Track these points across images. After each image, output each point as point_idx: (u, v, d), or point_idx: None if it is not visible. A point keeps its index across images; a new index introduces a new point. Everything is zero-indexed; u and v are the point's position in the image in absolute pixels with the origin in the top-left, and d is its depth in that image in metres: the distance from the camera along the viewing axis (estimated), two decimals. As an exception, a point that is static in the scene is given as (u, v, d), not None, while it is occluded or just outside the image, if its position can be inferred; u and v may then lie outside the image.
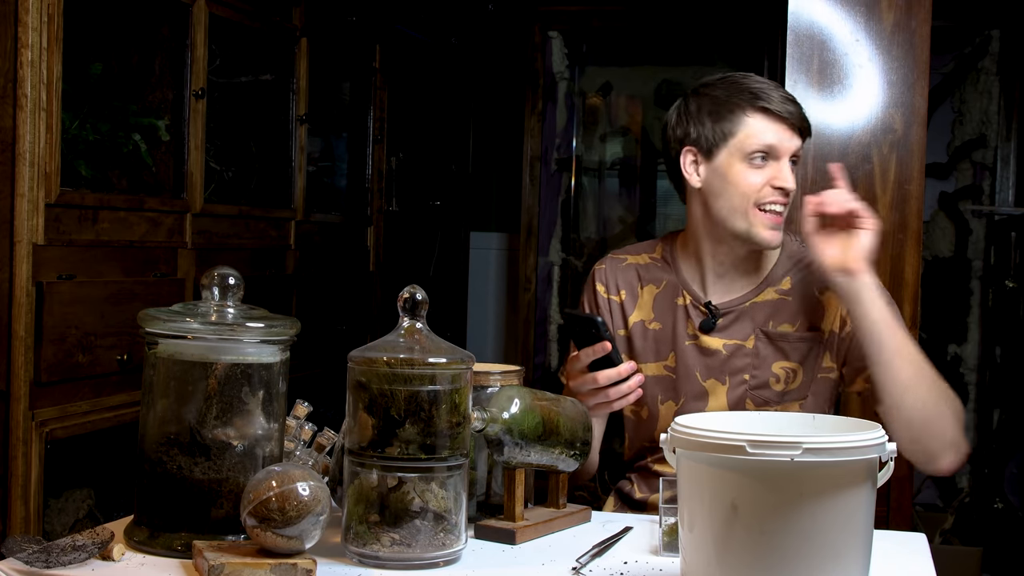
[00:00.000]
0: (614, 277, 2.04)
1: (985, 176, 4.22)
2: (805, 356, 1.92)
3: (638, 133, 4.55)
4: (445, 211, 4.53)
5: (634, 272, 2.03)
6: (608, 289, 2.04)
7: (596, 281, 2.05)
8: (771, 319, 1.93)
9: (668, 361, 1.98)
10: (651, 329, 2.00)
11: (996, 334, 4.18)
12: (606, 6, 4.25)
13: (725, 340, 1.93)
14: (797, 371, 1.92)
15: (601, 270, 2.06)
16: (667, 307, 1.99)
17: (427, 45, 4.32)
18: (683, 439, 1.27)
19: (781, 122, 1.86)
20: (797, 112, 1.87)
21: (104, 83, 2.73)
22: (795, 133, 1.87)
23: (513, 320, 4.63)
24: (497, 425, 1.56)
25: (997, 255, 4.19)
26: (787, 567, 1.21)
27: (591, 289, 2.06)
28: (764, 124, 1.86)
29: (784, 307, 1.93)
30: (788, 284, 1.95)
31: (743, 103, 1.88)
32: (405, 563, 1.43)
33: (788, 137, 1.87)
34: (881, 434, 1.26)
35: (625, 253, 2.07)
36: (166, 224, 2.73)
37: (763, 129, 1.86)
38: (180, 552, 1.45)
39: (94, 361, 2.47)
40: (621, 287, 2.03)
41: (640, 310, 2.01)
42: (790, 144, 1.87)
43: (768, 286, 1.95)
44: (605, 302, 2.04)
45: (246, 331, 1.48)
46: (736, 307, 1.95)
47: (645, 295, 2.01)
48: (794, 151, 1.88)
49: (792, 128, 1.87)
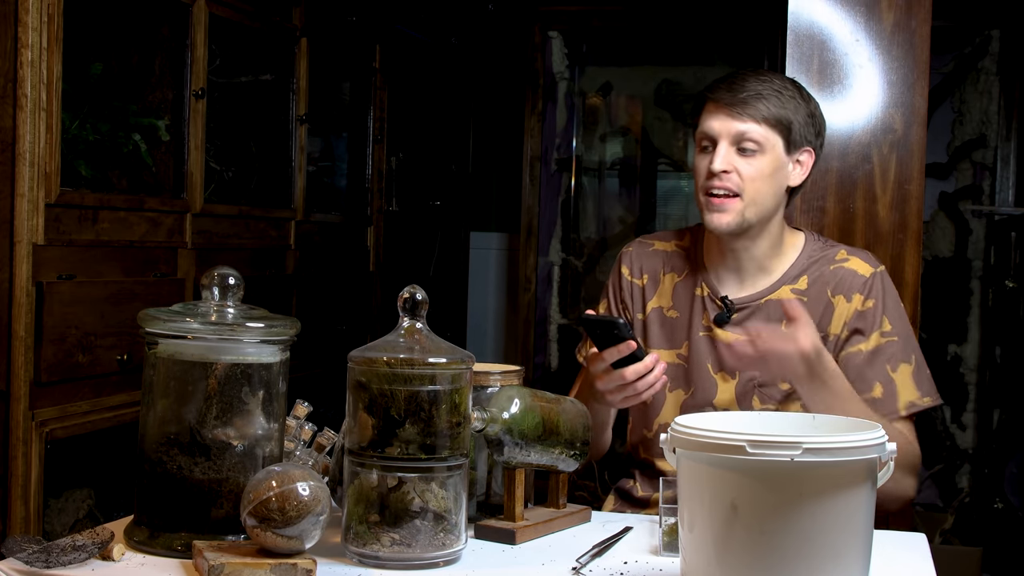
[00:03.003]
0: (639, 261, 2.08)
1: (985, 176, 4.22)
2: None
3: (638, 133, 4.55)
4: (445, 211, 4.53)
5: (660, 258, 2.07)
6: (632, 272, 2.08)
7: (622, 264, 2.10)
8: (784, 318, 1.93)
9: (681, 350, 2.01)
10: (668, 317, 2.02)
11: (996, 334, 4.18)
12: (606, 6, 4.25)
13: (738, 335, 1.94)
14: None
15: (628, 253, 2.10)
16: (686, 297, 2.02)
17: (427, 45, 4.32)
18: (683, 439, 1.27)
19: (718, 107, 1.90)
20: (738, 98, 1.88)
21: (104, 83, 2.73)
22: (734, 118, 1.89)
23: (513, 320, 4.63)
24: (497, 425, 1.56)
25: (997, 255, 4.19)
26: (787, 567, 1.21)
27: (616, 271, 2.10)
28: (707, 111, 1.93)
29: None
30: (804, 284, 1.96)
31: (700, 95, 1.96)
32: (405, 563, 1.43)
33: (723, 121, 1.89)
34: (881, 434, 1.26)
35: (654, 239, 2.12)
36: (166, 224, 2.73)
37: (705, 116, 1.93)
38: (180, 552, 1.45)
39: (94, 361, 2.47)
40: (645, 271, 2.07)
41: (660, 297, 2.04)
42: (723, 127, 1.89)
43: (784, 284, 1.97)
44: (628, 284, 2.07)
45: (246, 331, 1.48)
46: (752, 303, 1.96)
47: (666, 282, 2.05)
48: (734, 135, 1.89)
49: (729, 113, 1.89)
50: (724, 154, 1.89)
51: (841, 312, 1.92)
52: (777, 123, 1.90)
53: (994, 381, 4.18)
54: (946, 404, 4.25)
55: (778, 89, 1.91)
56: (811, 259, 1.98)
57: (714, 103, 1.91)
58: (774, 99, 1.89)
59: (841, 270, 1.95)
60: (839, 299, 1.93)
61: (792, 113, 1.91)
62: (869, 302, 1.92)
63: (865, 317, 1.92)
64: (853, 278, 1.94)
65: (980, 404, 4.21)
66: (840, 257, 1.97)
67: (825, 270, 1.96)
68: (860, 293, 1.93)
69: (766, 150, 1.90)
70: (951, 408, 4.24)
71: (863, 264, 1.96)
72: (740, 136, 1.89)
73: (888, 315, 1.93)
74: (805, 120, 1.93)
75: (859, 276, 1.95)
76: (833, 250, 1.99)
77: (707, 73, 4.43)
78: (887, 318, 1.92)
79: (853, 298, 1.93)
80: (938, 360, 4.24)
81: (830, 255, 1.98)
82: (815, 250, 1.99)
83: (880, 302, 1.93)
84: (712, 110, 1.91)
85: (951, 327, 4.24)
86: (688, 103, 4.48)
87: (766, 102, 1.89)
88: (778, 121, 1.90)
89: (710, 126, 1.91)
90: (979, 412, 4.21)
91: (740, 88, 1.89)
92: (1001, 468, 4.16)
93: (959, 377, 4.24)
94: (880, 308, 1.92)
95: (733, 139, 1.89)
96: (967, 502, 4.18)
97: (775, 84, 1.91)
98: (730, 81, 1.91)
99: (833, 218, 2.51)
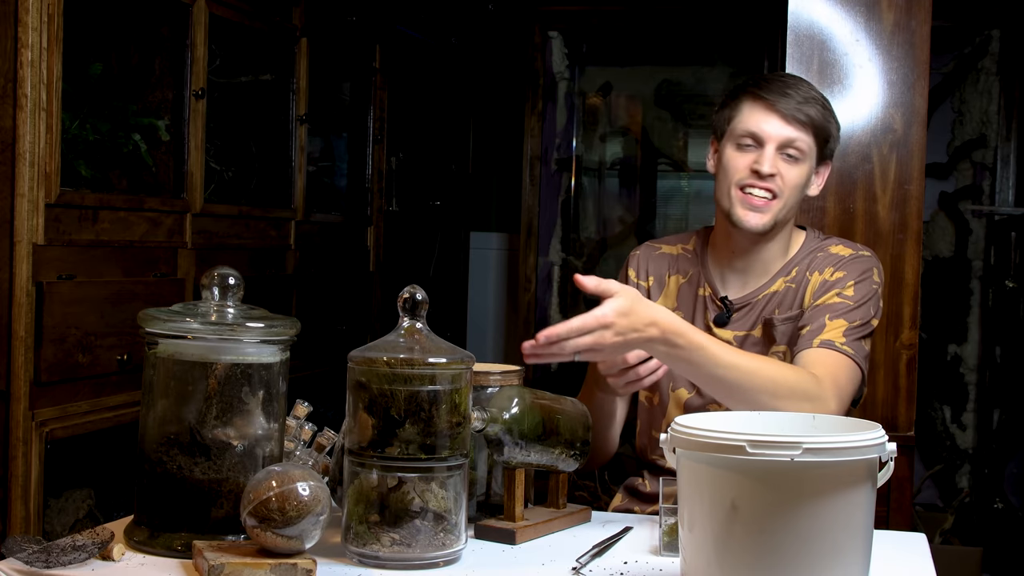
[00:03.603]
0: (646, 264, 2.10)
1: (985, 176, 4.22)
2: (791, 337, 1.94)
3: (638, 133, 4.55)
4: (445, 211, 4.53)
5: (666, 262, 2.09)
6: (639, 275, 2.10)
7: (629, 266, 2.12)
8: (777, 307, 1.97)
9: None
10: None
11: (996, 334, 4.18)
12: (606, 6, 4.25)
13: (736, 332, 1.97)
14: (787, 354, 1.94)
15: (636, 256, 2.12)
16: (689, 298, 2.04)
17: (427, 45, 4.32)
18: (683, 439, 1.27)
19: (770, 110, 1.90)
20: (792, 104, 1.89)
21: (104, 83, 2.73)
22: (787, 123, 1.89)
23: (513, 320, 4.63)
24: (497, 425, 1.56)
25: (997, 255, 4.19)
26: (787, 567, 1.21)
27: (624, 273, 2.12)
28: (754, 110, 1.91)
29: (788, 294, 1.97)
30: (795, 273, 1.98)
31: (743, 90, 1.94)
32: (405, 563, 1.43)
33: (776, 125, 1.89)
34: (881, 434, 1.27)
35: (661, 243, 2.14)
36: (166, 224, 2.73)
37: (751, 115, 1.91)
38: (180, 552, 1.45)
39: (94, 361, 2.47)
40: (651, 274, 2.09)
41: (666, 298, 2.06)
42: (775, 131, 1.89)
43: (780, 276, 1.98)
44: (634, 286, 2.08)
45: (246, 331, 1.48)
46: (751, 300, 1.99)
47: (671, 284, 2.07)
48: (783, 140, 1.89)
49: (783, 117, 1.89)
50: (772, 157, 1.89)
51: (813, 284, 1.95)
52: (820, 134, 1.92)
53: (994, 381, 4.18)
54: (946, 404, 4.25)
55: (822, 100, 1.94)
56: (805, 253, 2.01)
57: (766, 103, 1.90)
58: (821, 109, 1.92)
59: (826, 255, 1.98)
60: (815, 275, 1.96)
61: (831, 126, 1.94)
62: (839, 273, 1.94)
63: (831, 284, 1.93)
64: (832, 257, 1.97)
65: (980, 404, 4.21)
66: (830, 245, 2.00)
67: (812, 258, 1.99)
68: (832, 267, 1.95)
69: (806, 158, 1.92)
70: (951, 408, 4.24)
71: (847, 249, 1.99)
72: (789, 142, 1.90)
73: (855, 286, 1.92)
74: (836, 134, 1.97)
75: (838, 256, 1.97)
76: (827, 241, 2.01)
77: (707, 73, 4.44)
78: (855, 287, 1.91)
79: (826, 271, 1.95)
80: (938, 360, 4.24)
81: (823, 246, 2.01)
82: (813, 245, 2.02)
83: (850, 275, 1.93)
84: (763, 109, 1.90)
85: (951, 327, 4.25)
86: (688, 103, 4.48)
87: (815, 110, 1.91)
88: (821, 132, 1.92)
89: (759, 127, 1.90)
90: (979, 412, 4.21)
91: (794, 92, 1.90)
92: (1001, 468, 4.16)
93: (959, 377, 4.24)
94: (849, 279, 1.92)
95: (782, 143, 1.90)
96: (967, 502, 4.18)
97: (818, 94, 1.94)
98: (781, 83, 1.92)
99: (833, 218, 2.52)
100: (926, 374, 3.99)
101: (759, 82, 1.93)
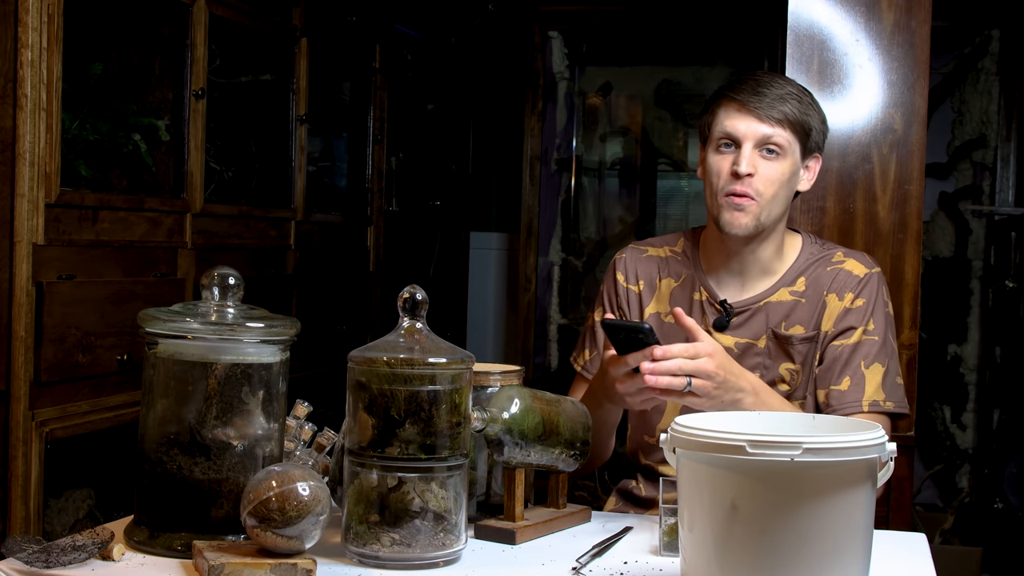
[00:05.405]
0: (634, 267, 2.07)
1: (985, 176, 4.22)
2: (806, 357, 1.93)
3: (638, 133, 4.55)
4: (445, 211, 4.53)
5: (654, 264, 2.06)
6: (627, 278, 2.07)
7: (616, 270, 2.08)
8: (783, 321, 1.95)
9: None
10: (667, 322, 2.01)
11: (996, 334, 4.18)
12: (606, 6, 4.25)
13: (737, 338, 1.95)
14: (799, 372, 1.93)
15: (622, 259, 2.09)
16: (684, 301, 2.01)
17: (427, 45, 4.32)
18: (683, 439, 1.27)
19: (742, 110, 1.89)
20: (765, 102, 1.89)
21: (104, 83, 2.73)
22: (761, 121, 1.89)
23: (513, 320, 4.63)
24: (497, 425, 1.56)
25: (997, 255, 4.19)
26: (787, 567, 1.21)
27: (611, 277, 2.09)
28: (728, 112, 1.91)
29: (797, 309, 1.95)
30: (802, 285, 1.96)
31: (720, 94, 1.95)
32: (405, 563, 1.43)
33: (750, 124, 1.89)
34: (881, 434, 1.27)
35: (647, 245, 2.11)
36: (166, 224, 2.73)
37: (727, 117, 1.91)
38: (180, 552, 1.45)
39: (94, 361, 2.47)
40: (640, 277, 2.06)
41: (657, 302, 2.04)
42: (749, 131, 1.89)
43: (783, 286, 1.97)
44: (624, 291, 2.07)
45: (246, 331, 1.48)
46: (751, 306, 1.96)
47: (663, 288, 2.04)
48: (759, 138, 1.89)
49: (756, 116, 1.89)
50: (749, 156, 1.89)
51: (833, 309, 1.94)
52: (799, 128, 1.91)
53: (994, 381, 4.18)
54: (946, 404, 4.25)
55: (798, 94, 1.92)
56: (809, 261, 1.99)
57: (738, 103, 1.90)
58: (796, 103, 1.91)
59: (837, 271, 1.96)
60: (831, 297, 1.95)
61: (811, 119, 1.93)
62: (859, 300, 1.94)
63: (855, 314, 1.93)
64: (848, 278, 1.96)
65: (980, 404, 4.21)
66: (837, 259, 1.98)
67: (822, 271, 1.97)
68: (852, 292, 1.94)
69: (787, 154, 1.91)
70: (951, 408, 4.24)
71: (859, 265, 1.97)
72: (766, 139, 1.89)
73: (875, 317, 1.94)
74: (819, 126, 1.95)
75: (854, 276, 1.96)
76: (831, 252, 2.00)
77: (707, 73, 4.44)
78: (873, 319, 1.94)
79: (845, 296, 1.94)
80: (938, 360, 4.24)
81: (827, 256, 1.99)
82: (813, 252, 2.00)
83: (870, 302, 1.94)
84: (736, 110, 1.90)
85: (951, 327, 4.24)
86: (688, 103, 4.48)
87: (791, 106, 1.90)
88: (800, 126, 1.91)
89: (735, 127, 1.90)
90: (979, 412, 4.21)
91: (766, 91, 1.90)
92: (1001, 468, 4.16)
93: (959, 377, 4.24)
94: (869, 308, 1.94)
95: (758, 142, 1.89)
96: (967, 502, 4.18)
97: (794, 88, 1.93)
98: (753, 82, 1.91)
99: (833, 218, 2.52)
100: (926, 374, 3.99)
101: (733, 85, 1.93)
